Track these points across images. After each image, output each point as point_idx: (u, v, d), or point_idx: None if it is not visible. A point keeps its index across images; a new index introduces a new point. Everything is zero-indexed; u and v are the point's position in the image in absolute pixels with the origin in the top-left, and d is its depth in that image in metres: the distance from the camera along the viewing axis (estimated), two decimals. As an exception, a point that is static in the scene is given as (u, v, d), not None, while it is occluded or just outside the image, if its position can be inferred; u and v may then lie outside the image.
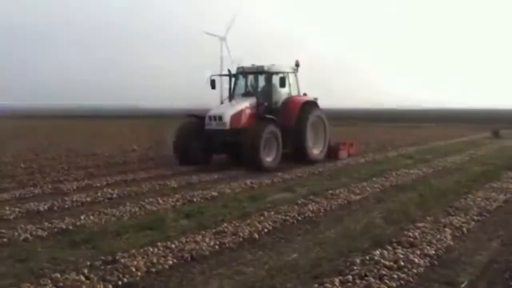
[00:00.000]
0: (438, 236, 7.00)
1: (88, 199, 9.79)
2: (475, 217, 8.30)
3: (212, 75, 16.06)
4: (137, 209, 8.89)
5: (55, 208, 9.06)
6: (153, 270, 5.74)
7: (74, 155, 18.32)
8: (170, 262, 5.99)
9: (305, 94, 16.78)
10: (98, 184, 11.67)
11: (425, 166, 15.08)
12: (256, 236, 7.19)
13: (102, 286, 5.20)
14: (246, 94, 15.95)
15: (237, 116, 14.63)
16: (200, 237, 7.01)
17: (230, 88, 16.21)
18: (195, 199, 9.90)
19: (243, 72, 16.22)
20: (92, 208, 9.05)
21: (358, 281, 5.26)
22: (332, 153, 17.06)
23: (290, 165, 14.84)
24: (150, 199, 9.69)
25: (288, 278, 5.53)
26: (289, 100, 15.86)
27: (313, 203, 9.34)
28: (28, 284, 5.15)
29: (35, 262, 6.10)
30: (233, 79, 16.32)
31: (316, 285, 5.19)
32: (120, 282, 5.34)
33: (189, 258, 6.19)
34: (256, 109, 15.17)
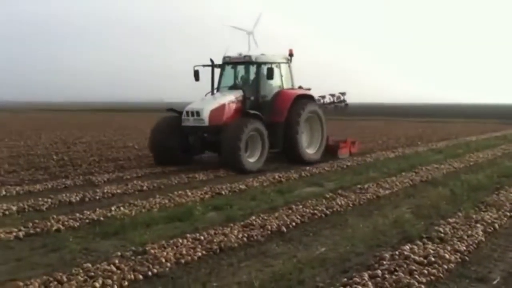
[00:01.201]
0: (469, 232, 6.88)
1: (119, 191, 9.93)
2: (508, 213, 8.14)
3: (195, 66, 14.23)
4: (166, 201, 8.99)
5: (87, 199, 9.22)
6: (182, 261, 5.80)
7: (105, 148, 18.60)
8: (199, 254, 6.04)
9: (300, 87, 15.31)
10: (128, 176, 11.83)
11: (456, 161, 14.85)
12: (284, 229, 7.19)
13: (132, 276, 5.27)
14: (233, 87, 14.35)
15: (218, 111, 13.14)
16: (228, 229, 7.05)
17: (212, 80, 14.56)
18: (223, 192, 9.96)
19: (229, 62, 14.53)
20: (122, 199, 9.18)
21: (387, 276, 5.21)
22: (331, 153, 15.64)
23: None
24: (179, 192, 9.78)
25: (316, 271, 5.52)
26: (280, 94, 14.31)
27: (341, 198, 9.29)
28: (61, 273, 5.23)
29: (67, 252, 6.23)
30: (219, 71, 14.78)
31: (345, 279, 5.17)
32: (150, 273, 5.40)
33: (217, 250, 6.23)
34: (242, 104, 13.76)
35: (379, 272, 5.32)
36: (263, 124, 13.24)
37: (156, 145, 13.63)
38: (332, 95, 57.86)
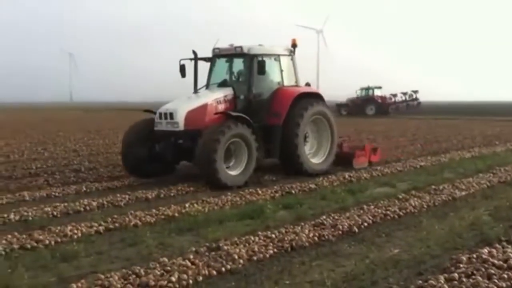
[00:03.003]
0: (553, 236, 6.55)
1: (192, 188, 10.17)
2: None
3: (181, 59, 12.07)
4: (237, 199, 9.15)
5: (162, 196, 9.52)
6: (255, 258, 5.88)
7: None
8: (271, 252, 6.10)
9: (308, 84, 13.05)
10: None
11: (538, 162, 14.12)
12: (356, 229, 7.13)
13: (206, 271, 5.41)
14: (222, 84, 12.14)
15: (196, 113, 10.89)
16: (299, 228, 7.08)
17: (195, 76, 12.32)
18: (293, 191, 9.99)
19: (219, 54, 12.33)
20: (195, 196, 9.42)
21: (464, 280, 5.06)
22: (345, 162, 13.12)
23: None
24: (250, 190, 9.92)
25: (389, 273, 5.44)
26: (279, 92, 12.05)
27: (415, 198, 9.08)
28: (139, 267, 5.45)
29: (144, 246, 6.47)
30: (209, 65, 12.63)
31: (420, 282, 5.07)
32: (223, 269, 5.52)
33: (289, 249, 6.27)
34: (232, 104, 11.58)
35: (455, 275, 5.17)
36: (251, 128, 10.88)
37: (127, 155, 11.32)
38: (404, 93, 56.55)
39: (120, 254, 6.19)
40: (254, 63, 11.53)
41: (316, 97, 12.62)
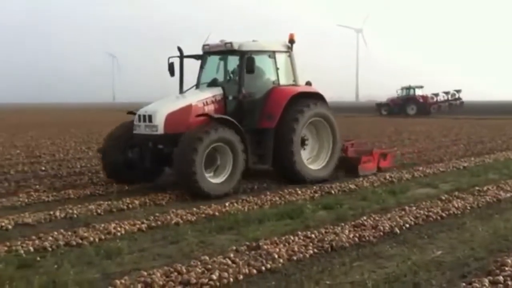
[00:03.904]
0: None
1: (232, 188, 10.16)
2: None
3: (170, 57, 11.18)
4: (277, 199, 9.17)
5: (201, 197, 9.53)
6: (295, 258, 5.89)
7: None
8: (311, 252, 6.10)
9: (309, 84, 11.96)
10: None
11: None
12: (397, 230, 7.04)
13: (247, 270, 5.44)
14: (212, 83, 11.22)
15: (178, 115, 9.96)
16: (339, 228, 7.04)
17: (181, 75, 11.37)
18: (332, 191, 9.95)
19: (209, 51, 11.43)
20: (235, 196, 9.47)
21: (510, 283, 4.94)
22: (349, 167, 11.94)
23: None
24: (289, 190, 9.92)
25: (432, 275, 5.36)
26: (273, 92, 10.97)
27: (458, 200, 8.90)
28: (180, 265, 5.53)
29: (186, 244, 6.56)
30: (199, 63, 11.71)
31: (463, 284, 4.98)
32: (263, 268, 5.55)
33: (329, 249, 6.24)
34: (221, 105, 10.64)
35: (500, 278, 5.06)
36: (238, 132, 9.91)
37: (107, 160, 10.61)
38: (446, 93, 55.42)
39: (162, 252, 6.29)
40: (244, 60, 10.56)
41: (315, 97, 11.43)
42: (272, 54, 11.25)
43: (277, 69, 11.25)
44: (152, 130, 9.87)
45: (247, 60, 10.43)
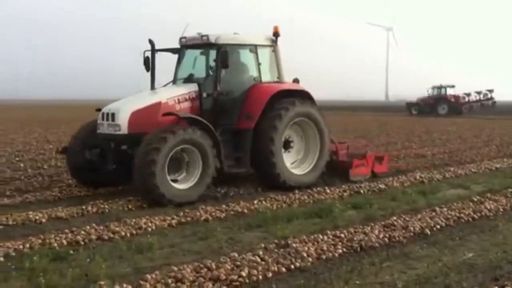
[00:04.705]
0: None
1: (259, 188, 10.13)
2: None
3: (146, 51, 10.13)
4: (305, 197, 9.17)
5: (231, 194, 9.58)
6: (324, 257, 5.88)
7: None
8: (340, 251, 6.08)
9: (296, 81, 11.10)
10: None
11: None
12: (428, 231, 6.96)
13: (276, 268, 5.46)
14: (188, 79, 10.37)
15: (144, 113, 9.14)
16: (368, 228, 7.00)
17: (152, 71, 10.11)
18: (362, 191, 9.88)
19: (185, 45, 10.56)
20: (264, 194, 9.48)
21: (544, 287, 4.85)
22: (340, 172, 11.04)
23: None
24: (318, 188, 9.89)
25: (464, 277, 5.30)
26: (254, 89, 10.11)
27: (490, 201, 8.75)
28: (210, 261, 5.58)
29: (215, 240, 6.61)
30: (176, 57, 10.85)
31: (495, 287, 4.90)
32: (292, 266, 5.55)
33: (358, 249, 6.21)
34: (194, 103, 9.77)
35: (535, 282, 4.97)
36: (208, 133, 9.08)
37: (72, 160, 9.77)
38: (478, 93, 54.44)
39: (192, 248, 6.35)
40: (228, 55, 9.73)
41: (301, 95, 10.49)
42: (253, 48, 10.35)
43: (259, 64, 10.36)
44: (115, 129, 9.07)
45: (221, 54, 9.59)
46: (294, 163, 10.62)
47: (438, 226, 7.23)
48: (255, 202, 8.67)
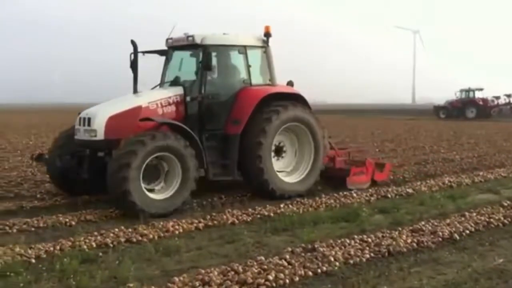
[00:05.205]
0: None
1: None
2: None
3: (132, 53, 9.56)
4: (332, 201, 9.13)
5: (256, 198, 9.59)
6: (351, 262, 5.85)
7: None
8: (367, 256, 6.04)
9: (290, 84, 10.51)
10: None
11: None
12: (457, 237, 6.87)
13: (302, 272, 5.46)
14: (174, 82, 9.71)
15: (122, 118, 8.58)
16: (396, 233, 6.94)
17: (134, 73, 9.53)
18: (389, 195, 9.79)
19: (172, 46, 10.03)
20: (290, 198, 9.47)
21: None
22: (337, 179, 10.46)
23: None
24: (345, 192, 9.83)
25: (494, 283, 5.22)
26: (243, 92, 9.56)
27: (522, 206, 8.59)
28: (237, 264, 5.61)
29: (242, 244, 6.65)
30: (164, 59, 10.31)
31: (527, 294, 4.82)
32: (319, 270, 5.54)
33: (386, 253, 6.16)
34: (179, 107, 9.19)
35: None
36: (189, 139, 8.51)
37: (52, 167, 9.31)
38: (508, 96, 53.30)
39: (219, 251, 6.39)
40: (210, 56, 9.32)
41: (294, 99, 9.89)
42: (242, 49, 9.74)
43: (248, 66, 9.76)
44: (91, 135, 8.53)
45: (203, 55, 9.11)
46: (287, 171, 10.03)
47: (468, 231, 7.12)
48: (281, 205, 8.68)
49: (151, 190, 8.27)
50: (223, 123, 9.41)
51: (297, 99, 9.97)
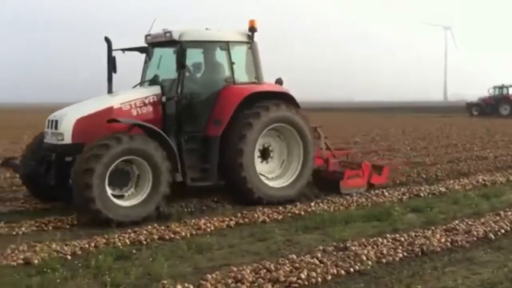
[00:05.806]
0: None
1: (316, 190, 10.01)
2: None
3: (113, 50, 9.08)
4: (363, 200, 9.07)
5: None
6: (383, 261, 5.81)
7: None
8: (400, 255, 5.99)
9: (279, 82, 9.86)
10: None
11: None
12: (492, 236, 6.76)
13: (335, 271, 5.44)
14: (153, 81, 9.14)
15: (91, 121, 8.05)
16: (429, 232, 6.86)
17: (109, 72, 9.05)
18: (422, 194, 9.67)
19: (150, 42, 9.47)
20: (320, 196, 9.45)
21: None
22: (330, 183, 9.85)
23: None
24: (376, 191, 9.76)
25: (531, 284, 5.11)
26: (224, 92, 8.93)
27: (559, 205, 8.40)
28: (269, 262, 5.63)
29: (273, 242, 6.66)
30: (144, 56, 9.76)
31: None
32: (351, 269, 5.51)
33: (419, 253, 6.10)
34: (156, 108, 8.61)
35: None
36: (162, 142, 7.98)
37: (25, 172, 8.87)
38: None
39: (250, 249, 6.42)
40: (195, 53, 9.01)
41: (281, 98, 9.19)
42: (224, 45, 9.12)
43: (231, 63, 9.10)
44: (58, 138, 8.03)
45: (177, 52, 8.58)
46: (275, 175, 9.41)
47: (503, 231, 7.00)
48: (312, 204, 8.67)
49: (120, 197, 7.75)
50: (203, 124, 8.84)
51: (285, 98, 9.27)
